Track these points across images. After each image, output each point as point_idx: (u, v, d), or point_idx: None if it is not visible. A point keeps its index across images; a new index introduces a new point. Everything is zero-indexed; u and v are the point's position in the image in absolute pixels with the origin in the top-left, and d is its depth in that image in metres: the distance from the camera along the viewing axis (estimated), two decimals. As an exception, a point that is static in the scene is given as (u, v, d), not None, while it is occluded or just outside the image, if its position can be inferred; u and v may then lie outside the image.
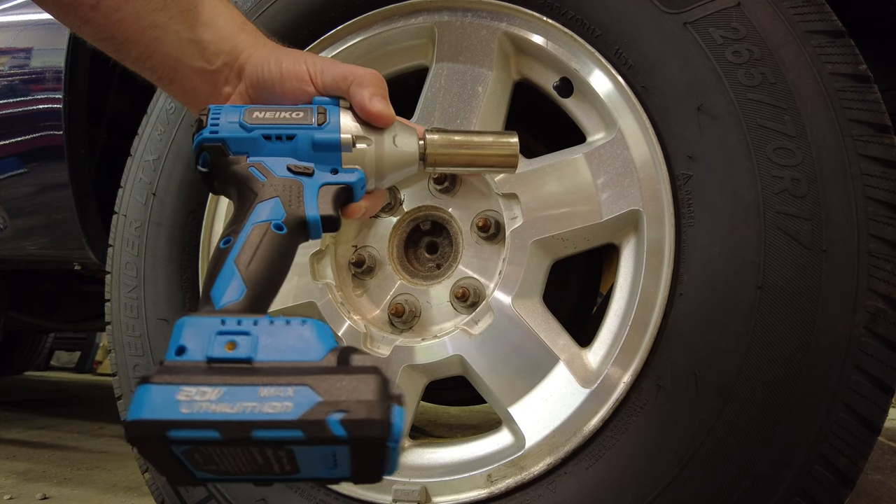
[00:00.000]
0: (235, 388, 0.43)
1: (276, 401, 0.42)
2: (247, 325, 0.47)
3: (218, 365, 0.45)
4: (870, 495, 1.35)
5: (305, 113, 0.62)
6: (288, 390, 0.43)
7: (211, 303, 0.51)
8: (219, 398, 0.42)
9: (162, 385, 0.43)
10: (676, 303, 0.72)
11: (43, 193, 1.35)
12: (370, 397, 0.43)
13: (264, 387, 0.43)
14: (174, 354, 0.46)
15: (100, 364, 5.62)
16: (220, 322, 0.47)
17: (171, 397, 0.42)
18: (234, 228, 0.56)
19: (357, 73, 0.64)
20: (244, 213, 0.57)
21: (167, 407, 0.42)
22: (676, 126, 0.75)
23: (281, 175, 0.60)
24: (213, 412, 0.42)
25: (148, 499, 1.46)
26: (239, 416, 0.42)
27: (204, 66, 0.65)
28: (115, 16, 0.61)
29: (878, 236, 0.66)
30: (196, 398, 0.42)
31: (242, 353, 0.46)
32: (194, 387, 0.43)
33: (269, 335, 0.47)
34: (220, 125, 0.61)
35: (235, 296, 0.51)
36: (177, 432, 0.42)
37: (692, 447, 0.68)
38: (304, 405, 0.42)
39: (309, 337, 0.47)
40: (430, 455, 0.87)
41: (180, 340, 0.47)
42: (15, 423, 2.45)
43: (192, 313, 0.49)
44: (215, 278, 0.53)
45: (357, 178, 0.63)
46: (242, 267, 0.53)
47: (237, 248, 0.54)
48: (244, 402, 0.42)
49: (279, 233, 0.56)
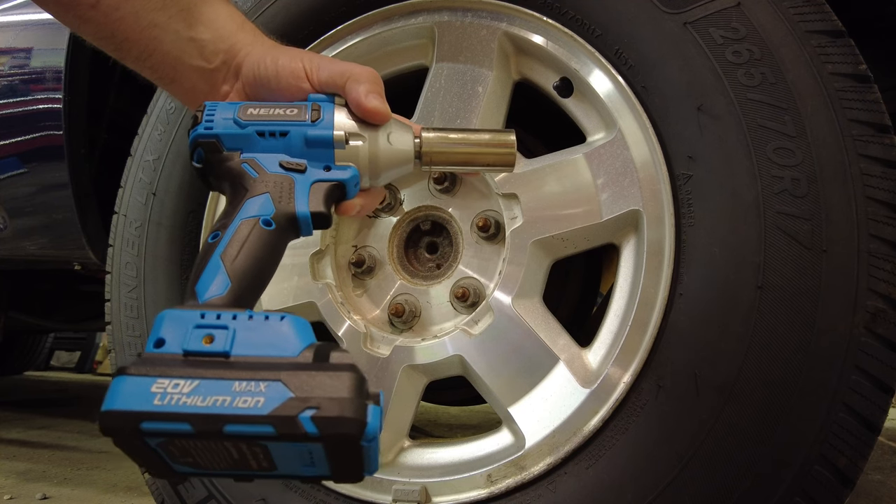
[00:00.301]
0: (209, 382, 0.43)
1: (248, 395, 0.43)
2: (225, 320, 0.48)
3: (194, 358, 0.45)
4: (870, 495, 1.35)
5: (299, 110, 0.62)
6: (261, 385, 0.43)
7: (195, 297, 0.52)
8: (192, 391, 0.43)
9: (137, 377, 0.43)
10: (676, 303, 0.72)
11: (43, 193, 1.35)
12: (344, 394, 0.43)
13: (238, 381, 0.43)
14: (152, 347, 0.46)
15: (100, 364, 5.62)
16: (199, 316, 0.48)
17: (146, 389, 0.43)
18: (223, 223, 0.57)
19: (353, 70, 0.64)
20: (234, 209, 0.58)
21: (140, 398, 0.42)
22: (676, 126, 0.75)
23: (273, 171, 0.60)
24: (185, 405, 0.42)
25: (148, 499, 1.46)
26: (210, 409, 0.42)
27: (203, 65, 0.65)
28: (115, 15, 0.61)
29: (878, 236, 0.66)
30: (169, 390, 0.43)
31: (219, 347, 0.46)
32: (168, 379, 0.43)
33: (247, 330, 0.47)
34: (215, 121, 0.61)
35: (219, 290, 0.51)
36: (149, 424, 0.42)
37: (692, 447, 0.68)
38: (275, 400, 0.42)
39: (286, 332, 0.48)
40: (430, 455, 0.87)
41: (159, 333, 0.47)
42: (15, 423, 2.45)
43: (174, 307, 0.49)
44: (201, 272, 0.53)
45: (350, 176, 0.63)
46: (228, 262, 0.53)
47: (224, 243, 0.54)
48: (217, 395, 0.43)
49: (267, 228, 0.56)
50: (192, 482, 0.93)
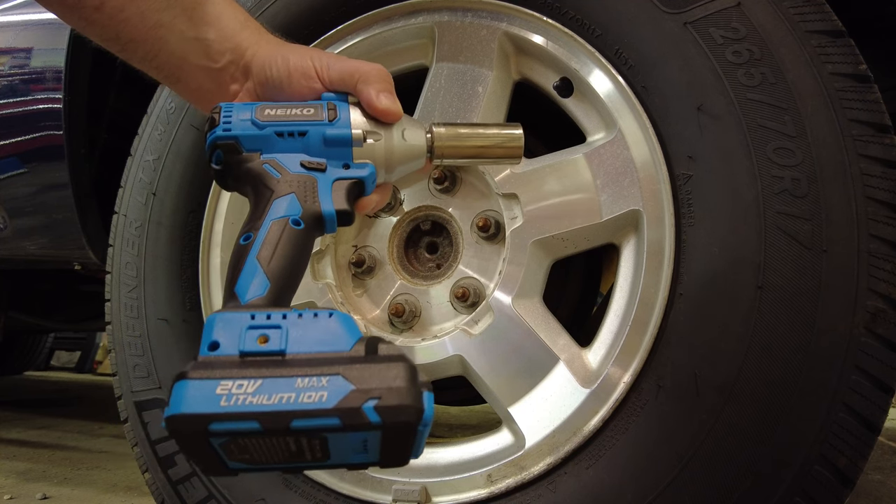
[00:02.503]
0: (271, 381, 0.44)
1: (311, 391, 0.44)
2: (276, 319, 0.49)
3: (251, 359, 0.47)
4: (870, 495, 1.35)
5: (316, 109, 0.63)
6: (322, 380, 0.44)
7: (236, 298, 0.52)
8: (256, 390, 0.44)
9: (199, 380, 0.44)
10: (676, 303, 0.72)
11: (43, 193, 1.35)
12: (401, 384, 0.45)
13: (300, 378, 0.44)
14: (207, 350, 0.47)
15: (100, 364, 5.62)
16: (249, 317, 0.49)
17: (211, 391, 0.44)
18: (253, 225, 0.57)
19: (363, 69, 0.65)
20: (262, 210, 0.58)
21: (207, 401, 0.43)
22: (676, 126, 0.75)
23: (295, 171, 0.61)
24: (252, 404, 0.43)
25: (148, 499, 1.46)
26: (277, 406, 0.43)
27: (209, 65, 0.65)
28: (120, 16, 0.61)
29: (878, 236, 0.66)
30: (234, 391, 0.44)
31: (275, 347, 0.47)
32: (231, 380, 0.44)
33: (298, 328, 0.48)
34: (233, 123, 0.61)
35: (260, 291, 0.52)
36: (218, 425, 0.43)
37: (692, 447, 0.68)
38: (338, 393, 0.44)
39: (336, 328, 0.49)
40: (430, 455, 0.87)
41: (212, 336, 0.48)
42: (15, 423, 2.45)
43: (220, 310, 0.50)
44: (238, 274, 0.54)
45: (368, 173, 0.64)
46: (264, 262, 0.54)
47: (258, 244, 0.55)
48: (281, 393, 0.44)
49: (297, 228, 0.57)
50: (192, 483, 0.93)
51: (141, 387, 1.00)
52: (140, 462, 0.99)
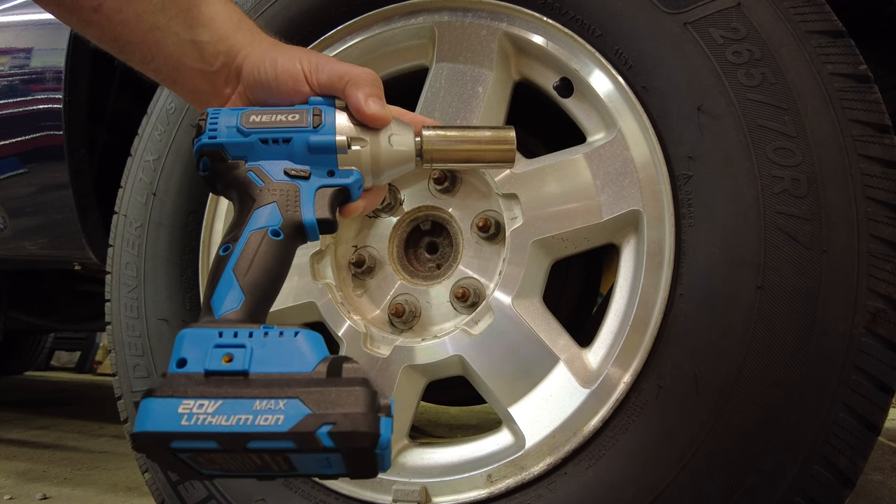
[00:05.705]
0: (232, 402, 0.46)
1: (268, 413, 0.46)
2: (242, 338, 0.50)
3: (216, 377, 0.48)
4: (870, 495, 1.35)
5: (301, 115, 0.62)
6: (280, 403, 0.46)
7: (211, 312, 0.53)
8: (216, 411, 0.46)
9: (164, 398, 0.46)
10: (676, 303, 0.72)
11: (43, 193, 1.35)
12: (358, 409, 0.46)
13: (258, 399, 0.46)
14: (175, 367, 0.49)
15: (100, 364, 5.62)
16: (217, 334, 0.50)
17: (173, 410, 0.46)
18: (233, 235, 0.58)
19: (352, 73, 0.64)
20: (242, 220, 0.59)
21: (169, 419, 0.45)
22: (676, 126, 0.75)
23: (279, 179, 0.61)
24: (211, 424, 0.45)
25: (148, 499, 1.46)
26: (234, 427, 0.45)
27: (204, 68, 0.65)
28: (118, 18, 0.61)
29: (878, 236, 0.66)
30: (195, 411, 0.45)
31: (238, 366, 0.49)
32: (193, 399, 0.46)
33: (264, 347, 0.50)
34: (218, 130, 0.61)
35: (234, 304, 0.53)
36: (178, 443, 0.45)
37: (692, 447, 0.68)
38: (294, 417, 0.45)
39: (301, 348, 0.50)
40: (430, 455, 0.87)
41: (181, 353, 0.49)
42: (15, 423, 2.45)
43: (192, 324, 0.52)
44: (215, 287, 0.55)
45: (353, 180, 0.63)
46: (241, 275, 0.55)
47: (235, 256, 0.56)
48: (239, 414, 0.45)
49: (276, 239, 0.58)
50: (193, 483, 0.93)
51: (141, 387, 1.00)
52: (140, 462, 0.99)
